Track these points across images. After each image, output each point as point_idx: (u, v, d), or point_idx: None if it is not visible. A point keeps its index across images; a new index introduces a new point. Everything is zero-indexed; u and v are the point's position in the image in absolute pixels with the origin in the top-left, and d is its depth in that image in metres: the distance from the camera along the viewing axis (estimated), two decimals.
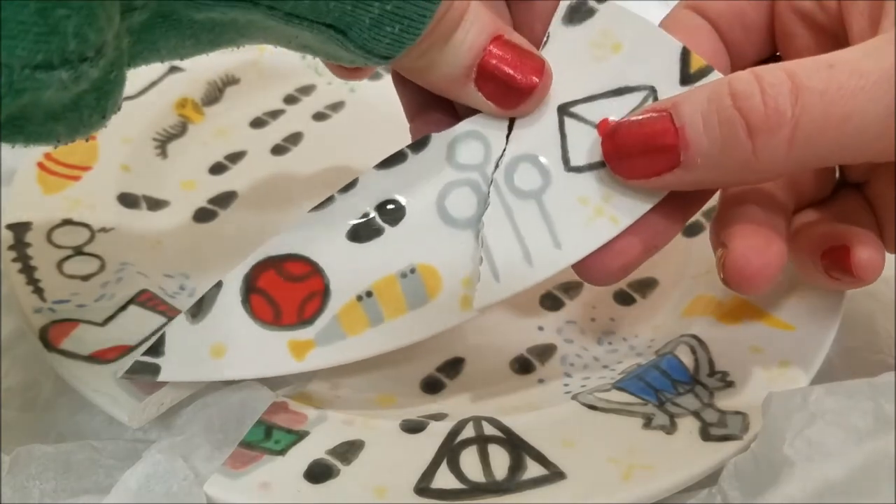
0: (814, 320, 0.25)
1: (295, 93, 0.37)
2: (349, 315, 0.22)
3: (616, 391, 0.23)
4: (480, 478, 0.21)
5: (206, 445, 0.22)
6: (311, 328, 0.22)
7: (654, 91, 0.22)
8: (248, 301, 0.22)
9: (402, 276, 0.22)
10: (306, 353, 0.22)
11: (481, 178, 0.22)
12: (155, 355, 0.22)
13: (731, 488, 0.20)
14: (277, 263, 0.22)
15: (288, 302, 0.22)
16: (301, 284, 0.22)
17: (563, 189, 0.22)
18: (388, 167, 0.22)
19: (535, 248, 0.22)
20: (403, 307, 0.22)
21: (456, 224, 0.22)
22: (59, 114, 0.16)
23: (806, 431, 0.19)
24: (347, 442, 0.22)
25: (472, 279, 0.22)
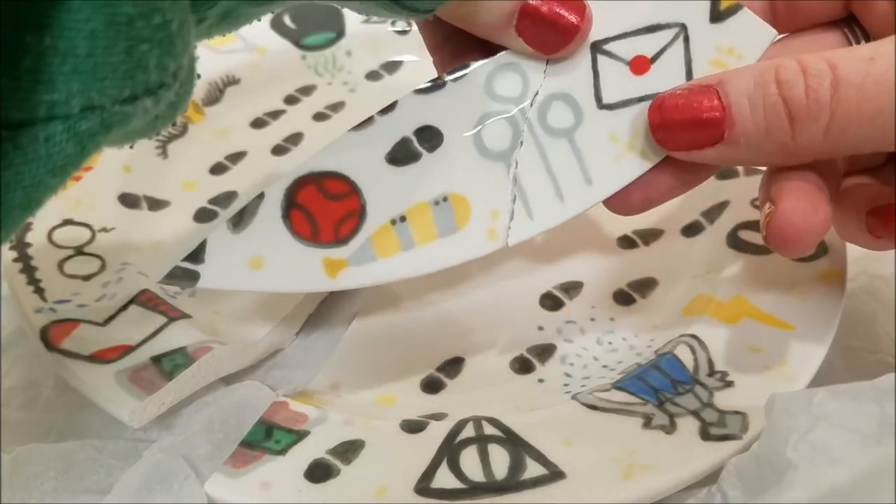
0: (813, 320, 0.25)
1: (295, 93, 0.37)
2: (382, 238, 0.22)
3: (616, 391, 0.23)
4: (481, 477, 0.21)
5: (206, 445, 0.22)
6: (346, 248, 0.22)
7: (685, 28, 0.22)
8: (289, 216, 0.22)
9: (434, 203, 0.22)
10: (339, 272, 0.22)
11: (518, 112, 0.22)
12: (195, 262, 0.22)
13: (731, 488, 0.20)
14: (318, 179, 0.22)
15: (326, 219, 0.22)
16: (339, 203, 0.22)
17: (594, 126, 0.22)
18: (427, 93, 0.22)
19: (566, 186, 0.22)
20: (434, 234, 0.22)
21: (490, 156, 0.22)
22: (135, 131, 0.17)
23: (809, 434, 0.19)
24: (348, 442, 0.22)
25: (499, 212, 0.22)
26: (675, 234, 0.30)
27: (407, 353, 0.27)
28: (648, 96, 0.22)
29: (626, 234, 0.30)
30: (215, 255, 0.22)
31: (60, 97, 0.14)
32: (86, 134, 0.15)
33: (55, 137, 0.14)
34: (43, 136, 0.14)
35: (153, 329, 0.25)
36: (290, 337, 0.28)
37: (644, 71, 0.22)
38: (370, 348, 0.27)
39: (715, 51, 0.22)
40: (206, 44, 0.41)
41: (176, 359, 0.24)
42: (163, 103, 0.16)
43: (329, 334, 0.28)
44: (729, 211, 0.29)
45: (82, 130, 0.15)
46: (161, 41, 0.15)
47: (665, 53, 0.22)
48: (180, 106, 0.18)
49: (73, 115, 0.14)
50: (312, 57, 0.38)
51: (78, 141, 0.15)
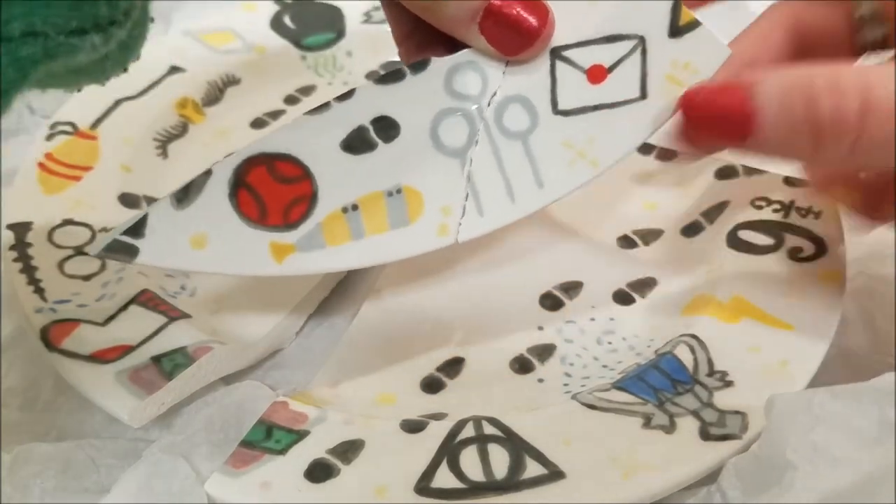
0: (813, 320, 0.25)
1: (295, 93, 0.37)
2: (332, 225, 0.22)
3: (616, 391, 0.23)
4: (480, 477, 0.21)
5: (206, 445, 0.22)
6: (294, 232, 0.22)
7: (644, 41, 0.22)
8: (236, 195, 0.22)
9: (388, 194, 0.22)
10: (285, 257, 0.22)
11: (475, 110, 0.23)
12: (135, 236, 0.21)
13: (730, 487, 0.21)
14: (269, 161, 0.22)
15: (275, 202, 0.22)
16: (290, 187, 0.22)
17: (549, 131, 0.23)
18: (386, 83, 0.22)
19: (518, 187, 0.23)
20: (385, 225, 0.22)
21: (445, 151, 0.23)
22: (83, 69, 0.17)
23: (809, 435, 0.19)
24: (348, 441, 0.22)
25: (451, 208, 0.23)
26: (675, 233, 0.30)
27: (407, 353, 0.27)
28: (603, 105, 0.22)
29: (626, 233, 0.30)
30: (156, 230, 0.21)
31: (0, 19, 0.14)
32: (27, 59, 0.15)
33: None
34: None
35: (153, 329, 0.25)
36: (290, 337, 0.28)
37: (600, 80, 0.22)
38: (370, 348, 0.27)
39: (670, 65, 0.22)
40: (206, 44, 0.41)
41: (176, 359, 0.24)
42: (113, 41, 0.16)
43: (329, 334, 0.28)
44: (729, 211, 0.29)
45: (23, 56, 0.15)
46: None
47: (622, 64, 0.22)
48: (132, 49, 0.18)
49: (13, 39, 0.14)
50: (312, 57, 0.38)
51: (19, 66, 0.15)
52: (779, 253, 0.27)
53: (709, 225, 0.30)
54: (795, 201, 0.29)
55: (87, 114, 0.33)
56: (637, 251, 0.30)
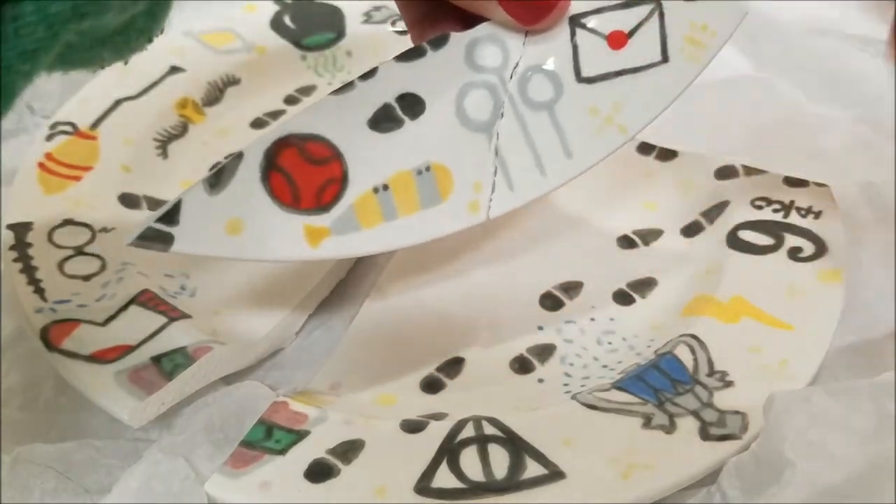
0: (813, 320, 0.25)
1: (295, 93, 0.37)
2: (365, 206, 0.22)
3: (616, 391, 0.23)
4: (480, 477, 0.21)
5: (206, 445, 0.22)
6: (328, 215, 0.22)
7: (661, 5, 0.22)
8: (268, 178, 0.21)
9: (417, 172, 0.22)
10: (321, 241, 0.22)
11: (499, 82, 0.22)
12: (169, 223, 0.21)
13: (730, 487, 0.21)
14: (299, 143, 0.22)
15: (307, 185, 0.22)
16: (321, 168, 0.22)
17: (574, 100, 0.22)
18: (408, 60, 0.22)
19: (547, 158, 0.22)
20: (416, 205, 0.22)
21: (472, 126, 0.22)
22: (107, 38, 0.17)
23: (807, 433, 0.19)
24: (348, 441, 0.22)
25: (481, 184, 0.22)
26: (675, 233, 0.30)
27: (407, 353, 0.27)
28: (626, 70, 0.22)
29: (626, 233, 0.30)
30: (190, 216, 0.21)
31: None
32: (56, 17, 0.14)
33: (24, 18, 0.14)
34: (11, 14, 0.14)
35: (153, 329, 0.25)
36: (290, 337, 0.28)
37: (621, 45, 0.22)
38: (370, 348, 0.27)
39: (689, 27, 0.22)
40: (206, 44, 0.41)
41: (176, 359, 0.24)
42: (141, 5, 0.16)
43: (329, 334, 0.28)
44: (729, 211, 0.29)
45: (52, 13, 0.14)
46: None
47: (641, 29, 0.22)
48: (158, 18, 0.17)
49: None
50: (313, 57, 0.38)
51: (48, 24, 0.14)
52: (779, 253, 0.27)
53: (709, 225, 0.30)
54: (795, 201, 0.29)
55: (88, 114, 0.33)
56: (637, 251, 0.30)
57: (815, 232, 0.28)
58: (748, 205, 0.29)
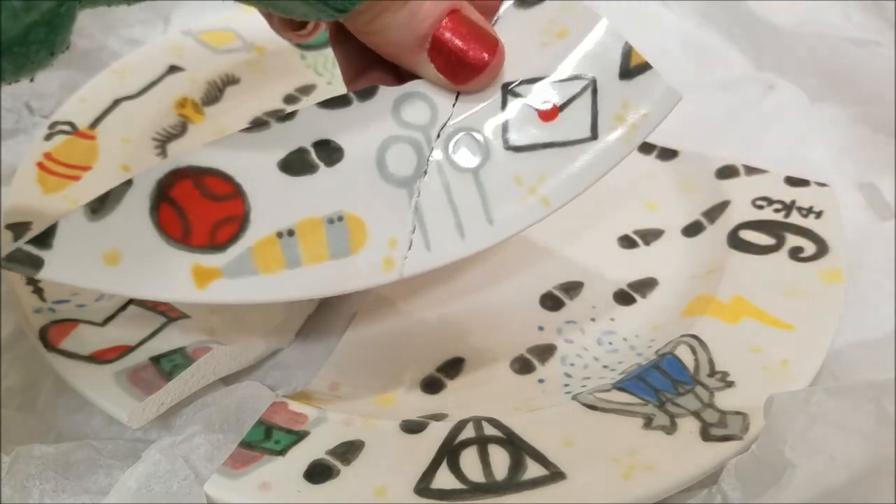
0: (814, 320, 0.25)
1: (295, 92, 0.37)
2: (265, 250, 0.21)
3: (616, 391, 0.23)
4: (480, 478, 0.21)
5: (205, 445, 0.22)
6: (222, 255, 0.20)
7: (595, 81, 0.22)
8: (157, 209, 0.20)
9: (328, 221, 0.21)
10: (209, 283, 0.20)
11: (424, 140, 0.22)
12: (41, 247, 0.19)
13: (731, 488, 0.20)
14: (197, 175, 0.20)
15: (201, 221, 0.20)
16: (219, 205, 0.21)
17: (500, 167, 0.22)
18: (331, 107, 0.22)
19: (468, 222, 0.22)
20: (325, 255, 0.21)
21: (392, 180, 0.22)
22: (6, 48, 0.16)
23: (808, 434, 0.19)
24: (347, 442, 0.22)
25: (397, 240, 0.21)
26: (676, 233, 0.30)
27: (407, 354, 0.27)
28: (554, 143, 0.22)
29: (627, 233, 0.30)
30: (65, 241, 0.19)
31: None
32: None
33: None
34: None
35: (152, 329, 0.25)
36: (289, 337, 0.28)
37: (552, 118, 0.22)
38: (370, 348, 0.27)
39: (621, 106, 0.22)
40: (205, 43, 0.41)
41: (175, 359, 0.24)
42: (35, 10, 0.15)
43: (328, 335, 0.28)
44: (729, 211, 0.29)
45: None
46: None
47: (573, 103, 0.22)
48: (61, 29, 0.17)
49: None
50: (312, 56, 0.38)
51: None
52: (780, 253, 0.27)
53: (709, 225, 0.30)
54: (796, 201, 0.29)
55: (87, 113, 0.33)
56: (638, 251, 0.30)
57: (816, 232, 0.28)
58: (749, 204, 0.29)
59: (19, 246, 0.19)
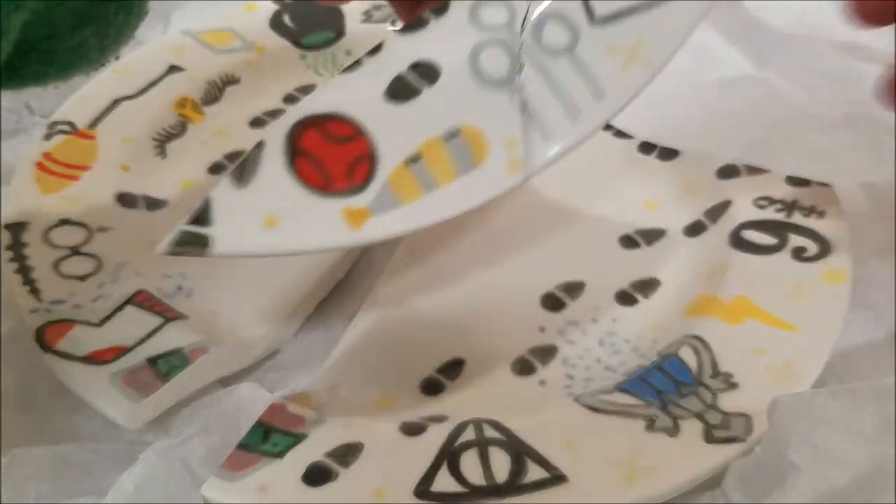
0: (817, 321, 0.25)
1: (295, 92, 0.37)
2: (401, 180, 0.21)
3: (618, 393, 0.23)
4: (481, 481, 0.21)
5: (203, 447, 0.22)
6: (365, 194, 0.21)
7: None
8: (294, 164, 0.21)
9: (447, 138, 0.21)
10: (363, 223, 0.21)
11: (510, 38, 0.22)
12: (203, 224, 0.20)
13: (734, 491, 0.20)
14: (319, 123, 0.21)
15: (336, 165, 0.21)
16: (347, 146, 0.21)
17: (593, 41, 0.22)
18: (412, 32, 0.22)
19: (576, 103, 0.22)
20: (453, 171, 0.21)
21: (492, 84, 0.22)
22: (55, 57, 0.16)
23: (811, 436, 0.19)
24: (346, 444, 0.22)
25: (515, 141, 0.22)
26: (678, 233, 0.30)
27: (406, 355, 0.26)
28: (640, 6, 0.22)
29: (629, 233, 0.30)
30: (224, 215, 0.20)
31: None
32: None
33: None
34: None
35: (149, 330, 0.25)
36: (287, 338, 0.28)
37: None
38: (369, 350, 0.27)
39: None
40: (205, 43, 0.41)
41: (172, 360, 0.24)
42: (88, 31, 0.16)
43: (327, 335, 0.28)
44: (731, 210, 0.29)
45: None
46: None
47: None
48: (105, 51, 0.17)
49: None
50: (312, 56, 0.38)
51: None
52: (782, 253, 0.27)
53: (711, 224, 0.29)
54: (798, 200, 0.29)
55: (86, 113, 0.33)
56: (639, 251, 0.30)
57: (818, 231, 0.27)
58: (751, 204, 0.29)
59: (183, 229, 0.19)
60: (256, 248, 0.20)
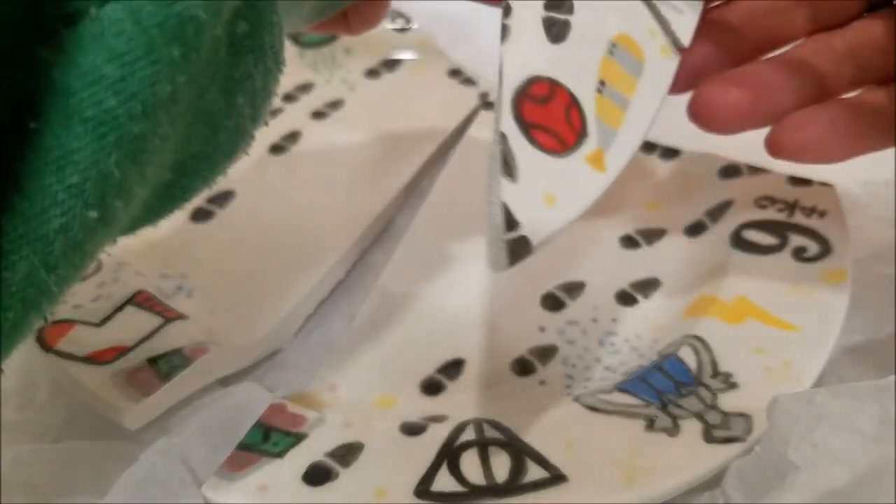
0: (817, 321, 0.25)
1: (293, 91, 0.37)
2: (604, 109, 0.22)
3: (618, 393, 0.23)
4: (481, 480, 0.21)
5: (203, 447, 0.22)
6: (591, 137, 0.21)
7: None
8: (531, 137, 0.21)
9: (610, 52, 0.22)
10: (603, 161, 0.21)
11: None
12: (513, 229, 0.20)
13: (734, 490, 0.20)
14: (525, 93, 0.21)
15: (558, 124, 0.21)
16: (554, 102, 0.21)
17: None
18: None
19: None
20: (630, 79, 0.22)
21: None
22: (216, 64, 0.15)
23: (811, 435, 0.19)
24: (346, 444, 0.22)
25: (654, 30, 0.23)
26: (678, 233, 0.30)
27: (406, 355, 0.26)
28: None
29: (629, 233, 0.30)
30: (521, 211, 0.20)
31: None
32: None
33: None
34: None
35: (149, 330, 0.25)
36: (288, 338, 0.28)
37: None
38: (369, 350, 0.27)
39: None
40: None
41: (172, 360, 0.24)
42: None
43: (327, 336, 0.28)
44: (732, 210, 0.29)
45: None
46: None
47: None
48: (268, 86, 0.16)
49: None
50: (311, 54, 0.38)
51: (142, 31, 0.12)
52: (783, 253, 0.27)
53: (712, 224, 0.29)
54: (799, 201, 0.29)
55: None
56: (640, 251, 0.30)
57: (819, 232, 0.27)
58: (752, 204, 0.29)
59: (505, 238, 0.19)
60: (556, 227, 0.20)
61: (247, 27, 0.15)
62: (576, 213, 0.21)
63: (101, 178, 0.12)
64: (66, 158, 0.12)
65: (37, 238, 0.12)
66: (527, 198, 0.20)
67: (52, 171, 0.12)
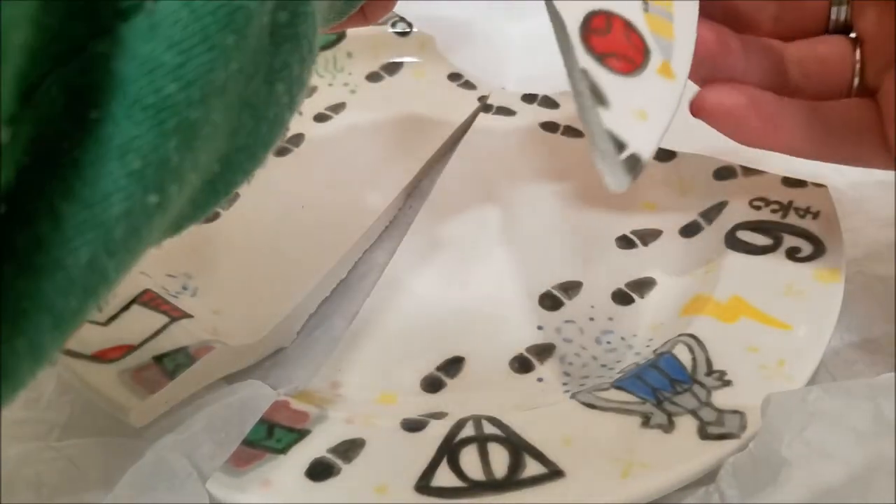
0: (811, 319, 0.25)
1: None
2: (655, 25, 0.23)
3: (615, 390, 0.24)
4: (480, 476, 0.21)
5: (208, 444, 0.22)
6: (654, 52, 0.22)
7: None
8: (610, 67, 0.22)
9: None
10: (671, 70, 0.22)
11: None
12: (624, 149, 0.21)
13: (728, 487, 0.21)
14: (589, 28, 0.22)
15: (623, 46, 0.22)
16: (614, 30, 0.22)
17: None
18: None
19: None
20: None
21: None
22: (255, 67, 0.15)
23: (804, 432, 0.19)
24: (348, 440, 0.22)
25: None
26: (674, 234, 0.30)
27: (407, 353, 0.27)
28: None
29: (625, 234, 0.30)
30: (626, 132, 0.21)
31: None
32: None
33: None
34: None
35: (155, 329, 0.25)
36: (291, 336, 0.28)
37: None
38: (371, 348, 0.27)
39: None
40: None
41: (178, 358, 0.24)
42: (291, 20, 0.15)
43: (330, 334, 0.28)
44: (727, 211, 0.29)
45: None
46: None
47: None
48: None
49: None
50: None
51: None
52: (777, 253, 0.27)
53: (707, 225, 0.30)
54: (793, 201, 0.29)
55: None
56: (636, 251, 0.30)
57: (813, 232, 0.28)
58: (746, 205, 0.29)
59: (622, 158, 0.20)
60: (656, 136, 0.21)
61: (286, 16, 0.15)
62: (667, 119, 0.22)
63: (161, 163, 0.13)
64: (128, 145, 0.12)
65: (99, 224, 0.12)
66: (624, 119, 0.21)
67: (115, 158, 0.12)
